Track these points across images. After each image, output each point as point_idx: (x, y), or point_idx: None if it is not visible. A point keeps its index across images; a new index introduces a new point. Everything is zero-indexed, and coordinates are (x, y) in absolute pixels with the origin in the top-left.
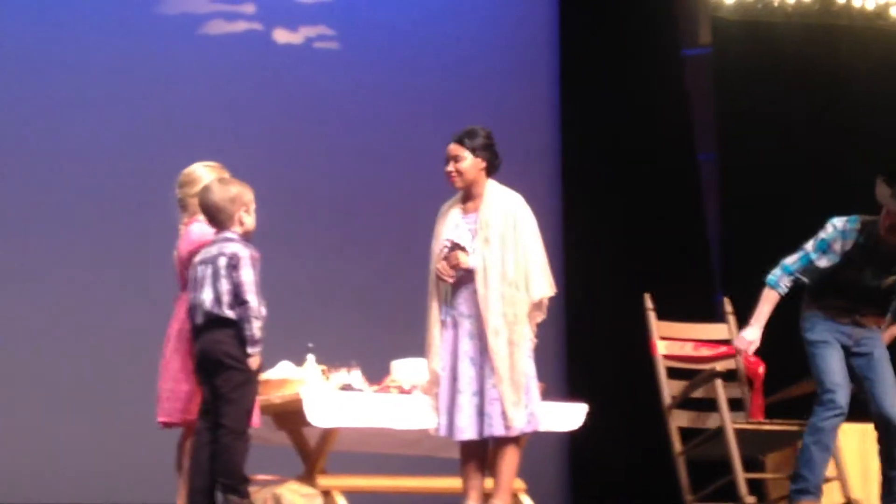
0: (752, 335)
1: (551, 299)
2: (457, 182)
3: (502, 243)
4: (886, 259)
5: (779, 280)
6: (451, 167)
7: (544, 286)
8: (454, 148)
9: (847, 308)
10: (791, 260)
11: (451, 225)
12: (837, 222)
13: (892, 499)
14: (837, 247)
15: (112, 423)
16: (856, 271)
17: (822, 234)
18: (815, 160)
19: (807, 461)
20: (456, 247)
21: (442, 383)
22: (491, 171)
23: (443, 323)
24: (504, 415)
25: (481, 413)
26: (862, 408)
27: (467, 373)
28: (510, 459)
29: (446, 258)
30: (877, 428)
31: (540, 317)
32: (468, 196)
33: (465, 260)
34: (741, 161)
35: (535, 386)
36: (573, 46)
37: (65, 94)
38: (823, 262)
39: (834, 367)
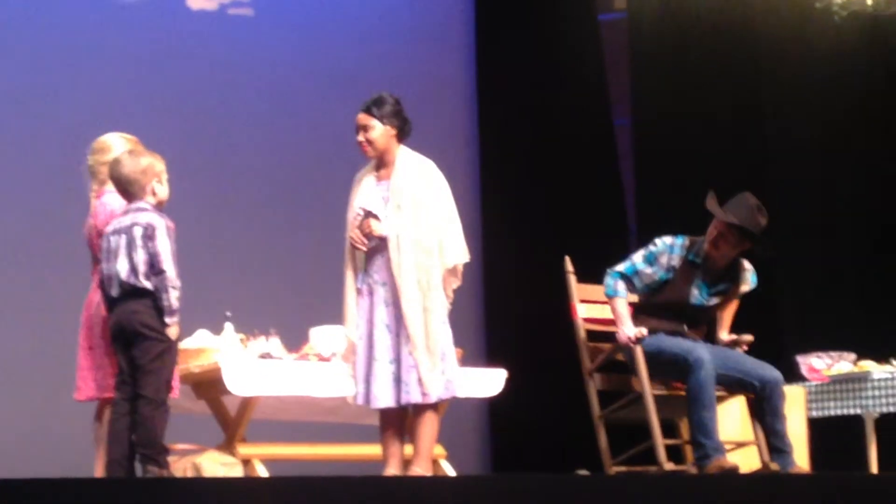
0: (629, 331)
1: (467, 265)
2: (368, 152)
3: (415, 210)
4: (712, 276)
5: (615, 286)
6: (361, 137)
7: (459, 252)
8: (363, 118)
9: (674, 327)
10: (618, 266)
11: (365, 192)
12: (666, 238)
13: (783, 454)
14: (664, 260)
15: (28, 396)
16: (683, 289)
17: (650, 247)
18: (726, 123)
19: (698, 426)
20: (369, 214)
21: (359, 351)
22: (402, 137)
23: (359, 291)
24: (420, 382)
25: (398, 380)
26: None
27: (383, 340)
28: (429, 426)
29: (359, 226)
30: (756, 400)
31: (455, 283)
32: (381, 164)
33: (378, 227)
34: (655, 126)
35: (451, 352)
36: (488, 12)
37: None
38: (648, 270)
39: (679, 341)
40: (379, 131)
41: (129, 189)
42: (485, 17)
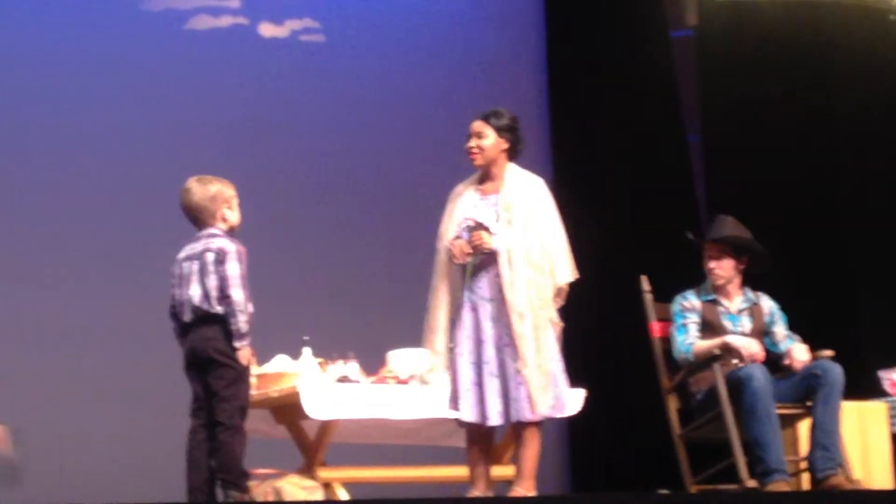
0: (736, 339)
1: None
2: (477, 159)
3: (525, 226)
4: (730, 300)
5: (684, 343)
6: (472, 143)
7: (568, 271)
8: (478, 125)
9: (726, 363)
10: (675, 342)
11: (470, 205)
12: (676, 297)
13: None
14: (687, 304)
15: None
16: (717, 326)
17: (673, 310)
18: (798, 140)
19: (755, 440)
20: (480, 227)
21: (462, 368)
22: (512, 154)
23: (462, 306)
24: (530, 399)
25: (505, 397)
26: (859, 385)
27: (490, 357)
28: (532, 445)
29: (470, 238)
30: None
31: (559, 303)
32: (486, 177)
33: (489, 240)
34: (726, 142)
35: (560, 370)
36: (560, 30)
37: (50, 93)
38: (691, 320)
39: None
40: (491, 141)
41: (199, 216)
42: (556, 37)
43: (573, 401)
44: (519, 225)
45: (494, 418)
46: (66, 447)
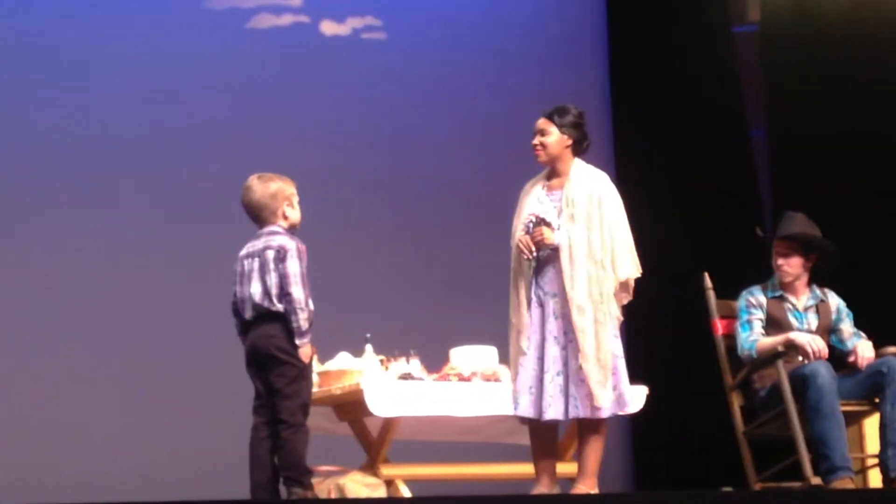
0: (802, 337)
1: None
2: (540, 156)
3: (588, 221)
4: (797, 297)
5: (747, 340)
6: (536, 140)
7: (630, 266)
8: (542, 122)
9: (790, 359)
10: (739, 338)
11: (535, 201)
12: (742, 292)
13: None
14: (753, 300)
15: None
16: (782, 323)
17: (739, 305)
18: (865, 133)
19: (819, 437)
20: (541, 222)
21: (527, 363)
22: (577, 149)
23: (530, 302)
24: (590, 395)
25: (566, 394)
26: None
27: (552, 353)
28: (596, 442)
29: (531, 233)
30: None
31: (626, 298)
32: (553, 173)
33: (551, 236)
34: (791, 137)
35: (622, 366)
36: (622, 26)
37: (113, 91)
38: (755, 316)
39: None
40: (555, 137)
41: (260, 214)
42: (618, 33)
43: (636, 398)
44: (581, 220)
45: (551, 413)
46: (125, 445)
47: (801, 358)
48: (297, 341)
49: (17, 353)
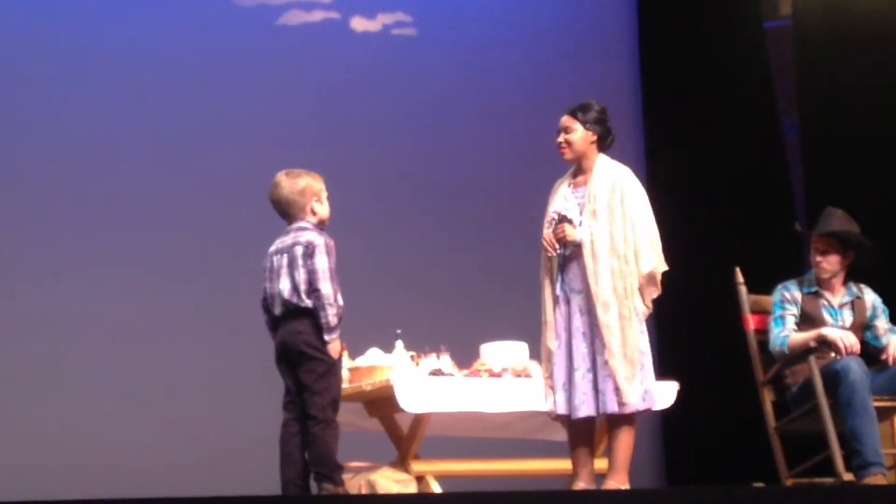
0: (834, 332)
1: None
2: (566, 154)
3: (610, 216)
4: (832, 294)
5: (779, 336)
6: (561, 138)
7: (653, 259)
8: (566, 119)
9: (822, 355)
10: (771, 333)
11: (561, 198)
12: (777, 286)
13: None
14: (788, 296)
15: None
16: (816, 318)
17: (773, 298)
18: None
19: (851, 433)
20: (563, 219)
21: (557, 361)
22: (602, 145)
23: (556, 299)
24: (617, 391)
25: (596, 389)
26: None
27: (580, 349)
28: (625, 438)
29: (553, 231)
30: None
31: (654, 292)
32: (578, 170)
33: (572, 232)
34: (823, 131)
35: (649, 362)
36: (653, 21)
37: (143, 87)
38: (789, 311)
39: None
40: (579, 135)
41: (288, 210)
42: (649, 27)
43: (666, 394)
44: (603, 215)
45: (584, 410)
46: (156, 443)
47: (833, 353)
48: (326, 337)
49: (44, 351)
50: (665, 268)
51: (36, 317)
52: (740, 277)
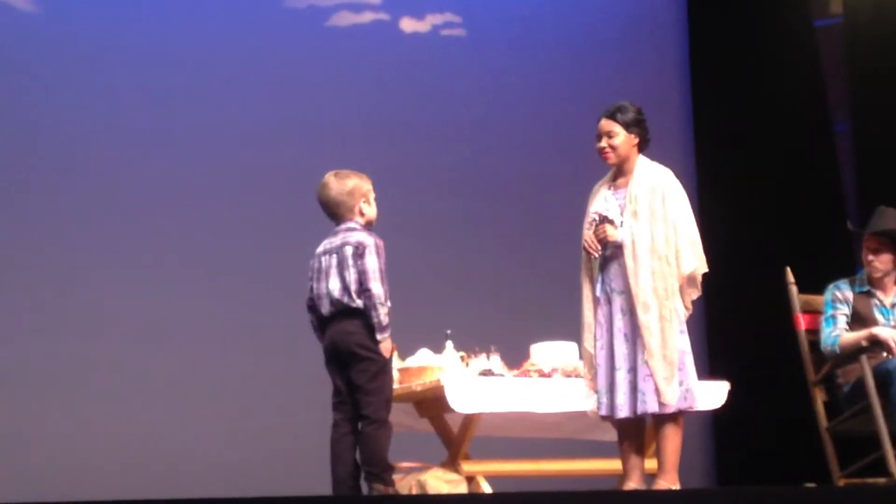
0: (889, 333)
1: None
2: (610, 158)
3: (651, 217)
4: (885, 294)
5: (830, 335)
6: (603, 143)
7: (694, 260)
8: (606, 123)
9: (874, 355)
10: (822, 333)
11: (601, 200)
12: (829, 285)
13: None
14: (840, 295)
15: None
16: (867, 318)
17: (825, 298)
18: None
19: None
20: (604, 220)
21: (600, 362)
22: (642, 146)
23: (597, 300)
24: (657, 391)
25: (635, 390)
26: None
27: (621, 350)
28: (671, 437)
29: (594, 232)
30: None
31: (695, 293)
32: (619, 172)
33: (613, 233)
34: (876, 130)
35: (690, 362)
36: (703, 21)
37: (193, 89)
38: (841, 311)
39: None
40: (622, 138)
41: (337, 211)
42: (698, 28)
43: (714, 394)
44: (644, 216)
45: (623, 411)
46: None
47: (884, 353)
48: (378, 336)
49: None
50: (705, 269)
51: (63, 316)
52: (791, 277)
